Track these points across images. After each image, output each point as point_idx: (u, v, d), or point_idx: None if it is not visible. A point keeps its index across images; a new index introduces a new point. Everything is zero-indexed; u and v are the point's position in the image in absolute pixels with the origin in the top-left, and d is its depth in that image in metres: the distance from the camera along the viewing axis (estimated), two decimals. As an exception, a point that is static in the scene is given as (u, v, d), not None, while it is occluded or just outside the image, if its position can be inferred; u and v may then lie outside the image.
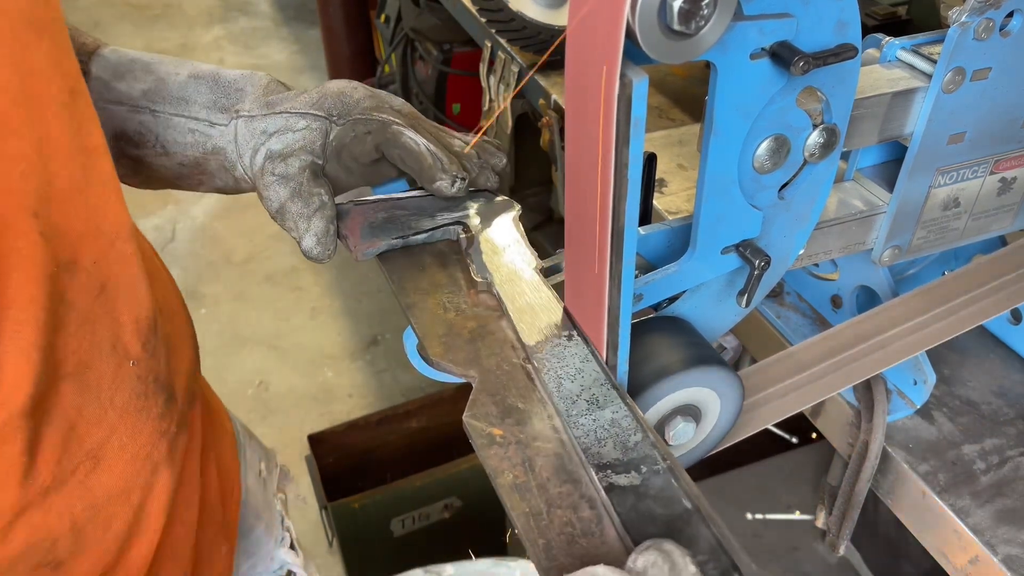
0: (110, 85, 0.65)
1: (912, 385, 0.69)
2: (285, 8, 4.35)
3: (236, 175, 0.66)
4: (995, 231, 0.66)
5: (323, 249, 0.60)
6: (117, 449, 0.57)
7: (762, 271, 0.53)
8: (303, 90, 0.66)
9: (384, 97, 0.66)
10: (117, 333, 0.56)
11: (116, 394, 0.56)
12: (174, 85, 0.65)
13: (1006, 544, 0.60)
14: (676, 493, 0.42)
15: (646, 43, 0.39)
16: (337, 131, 0.63)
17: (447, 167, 0.62)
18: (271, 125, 0.63)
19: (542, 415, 0.48)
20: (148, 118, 0.65)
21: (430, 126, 0.65)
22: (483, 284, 0.57)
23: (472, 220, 0.63)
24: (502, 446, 0.46)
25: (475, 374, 0.51)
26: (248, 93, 0.66)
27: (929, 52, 0.57)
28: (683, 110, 1.21)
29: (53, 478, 0.53)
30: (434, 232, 0.62)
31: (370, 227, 0.62)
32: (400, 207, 0.64)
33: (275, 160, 0.62)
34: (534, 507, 0.43)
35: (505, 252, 0.60)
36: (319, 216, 0.60)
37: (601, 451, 0.45)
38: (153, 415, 0.60)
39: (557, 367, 0.50)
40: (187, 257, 2.79)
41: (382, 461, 1.88)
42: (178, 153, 0.66)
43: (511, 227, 0.62)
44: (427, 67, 1.99)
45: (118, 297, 0.55)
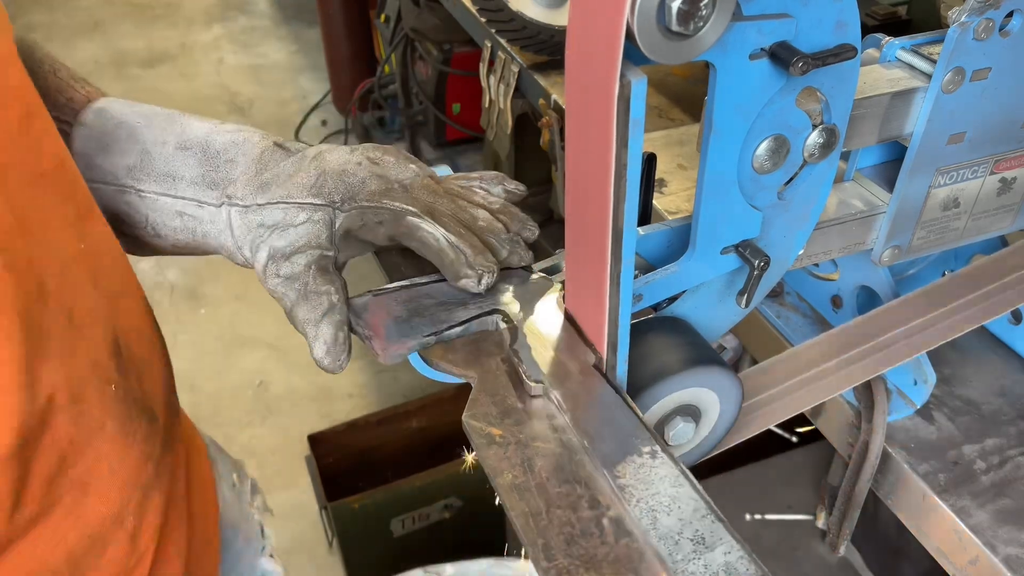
0: (93, 163, 0.61)
1: (912, 385, 0.69)
2: (284, 7, 4.35)
3: (238, 261, 0.61)
4: (995, 231, 0.66)
5: (333, 359, 0.53)
6: (107, 475, 0.55)
7: (762, 271, 0.53)
8: (301, 156, 0.60)
9: (391, 173, 0.59)
10: (96, 359, 0.54)
11: (104, 420, 0.54)
12: (160, 159, 0.60)
13: (1006, 544, 0.60)
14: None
15: (645, 44, 0.39)
16: (343, 219, 0.58)
17: (472, 261, 0.55)
18: (268, 218, 0.57)
19: (542, 415, 0.48)
20: (134, 199, 0.61)
21: (448, 202, 0.58)
22: (538, 388, 0.49)
23: (511, 307, 0.55)
24: (501, 446, 0.46)
25: (475, 374, 0.51)
26: (239, 166, 0.60)
27: (929, 52, 0.57)
28: (683, 110, 1.21)
29: (40, 508, 0.52)
30: (469, 325, 0.55)
31: (395, 324, 0.55)
32: (425, 295, 0.57)
33: (279, 260, 0.56)
34: (533, 507, 0.43)
35: (558, 346, 0.52)
36: (327, 322, 0.54)
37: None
38: (139, 438, 0.58)
39: (647, 496, 0.42)
40: (187, 257, 2.79)
41: (382, 461, 1.89)
42: (169, 237, 0.62)
43: (556, 312, 0.55)
44: (427, 67, 1.99)
45: (84, 323, 0.53)
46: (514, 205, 0.63)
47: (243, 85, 3.72)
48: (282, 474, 2.07)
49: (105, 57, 3.93)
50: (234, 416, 2.24)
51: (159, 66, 3.90)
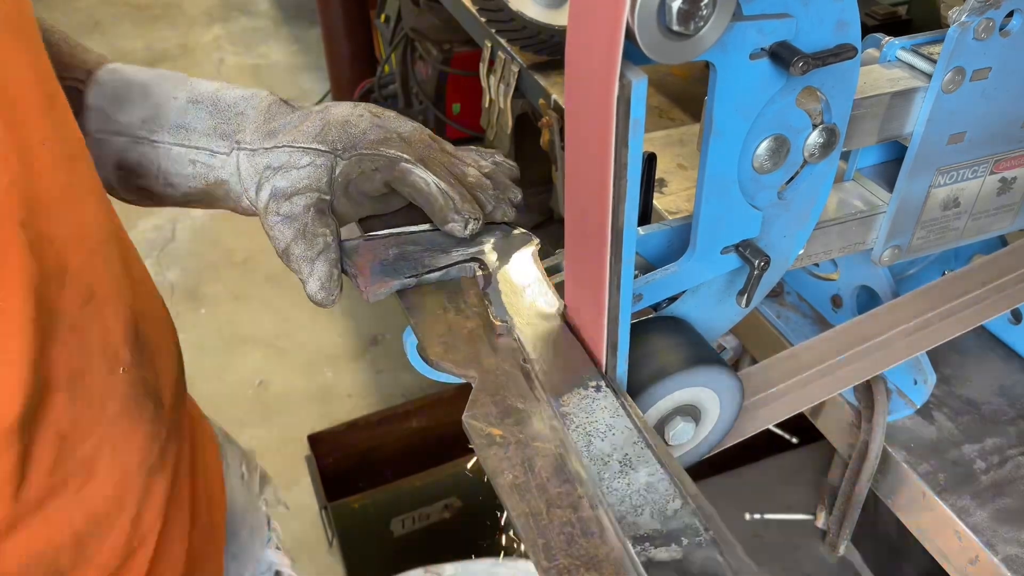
0: (108, 115, 0.63)
1: (912, 385, 0.69)
2: (285, 7, 4.35)
3: (243, 205, 0.64)
4: (995, 231, 0.66)
5: (327, 294, 0.57)
6: (110, 458, 0.56)
7: (762, 271, 0.53)
8: (307, 111, 0.63)
9: (391, 124, 0.63)
10: (107, 340, 0.55)
11: (108, 402, 0.55)
12: (173, 111, 0.63)
13: (1006, 544, 0.60)
14: (721, 570, 0.39)
15: (645, 44, 0.39)
16: (343, 165, 0.61)
17: (460, 207, 0.59)
18: (274, 160, 0.61)
19: (542, 415, 0.48)
20: (148, 149, 0.63)
21: (442, 156, 0.62)
22: (503, 327, 0.54)
23: (489, 256, 0.59)
24: (501, 446, 0.46)
25: (475, 374, 0.51)
26: (249, 117, 0.63)
27: (929, 52, 0.57)
28: (683, 110, 1.21)
29: (46, 490, 0.53)
30: (449, 270, 0.59)
31: (381, 265, 0.59)
32: (412, 242, 0.61)
33: (280, 199, 0.60)
34: (534, 507, 0.43)
35: (526, 292, 0.56)
36: (323, 259, 0.57)
37: (638, 520, 0.41)
38: (144, 421, 0.59)
39: (586, 422, 0.46)
40: (187, 257, 2.79)
41: (382, 461, 1.89)
42: (182, 184, 0.64)
43: (531, 264, 0.59)
44: (427, 67, 1.99)
45: (106, 303, 0.54)
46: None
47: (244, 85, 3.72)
48: (282, 474, 2.07)
49: (105, 57, 3.92)
50: (234, 416, 2.24)
51: (159, 66, 3.86)
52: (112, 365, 0.55)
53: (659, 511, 0.41)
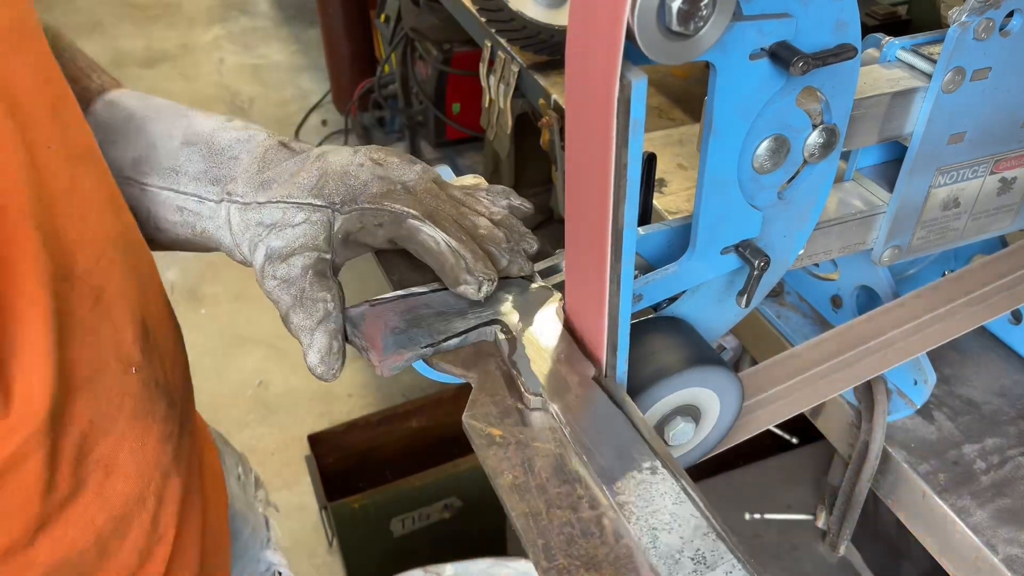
0: (100, 150, 0.60)
1: (912, 385, 0.69)
2: (285, 8, 4.35)
3: (236, 259, 0.61)
4: (995, 231, 0.66)
5: (326, 368, 0.54)
6: (128, 456, 0.57)
7: (762, 271, 0.53)
8: (304, 156, 0.60)
9: (394, 173, 0.59)
10: (118, 340, 0.55)
11: (123, 402, 0.55)
12: (165, 153, 0.60)
13: (1006, 544, 0.60)
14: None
15: (645, 44, 0.39)
16: (342, 220, 0.57)
17: (472, 267, 0.55)
18: (267, 216, 0.57)
19: (543, 428, 0.48)
20: (138, 192, 0.61)
21: (451, 207, 0.58)
22: (537, 401, 0.48)
23: (510, 317, 0.54)
24: (501, 446, 0.46)
25: (475, 375, 0.51)
26: (243, 163, 0.60)
27: (929, 52, 0.57)
28: (683, 110, 1.21)
29: (69, 489, 0.53)
30: (467, 335, 0.54)
31: (392, 335, 0.54)
32: (423, 305, 0.56)
33: (275, 261, 0.56)
34: (533, 507, 0.43)
35: (557, 358, 0.51)
36: (322, 330, 0.54)
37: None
38: (158, 420, 0.59)
39: (647, 514, 0.42)
40: (187, 257, 2.79)
41: (382, 461, 1.89)
42: (169, 231, 0.62)
43: (556, 323, 0.54)
44: (427, 67, 1.99)
45: (114, 304, 0.54)
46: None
47: (243, 85, 3.72)
48: (282, 474, 2.07)
49: (104, 57, 3.93)
50: (234, 416, 2.24)
51: (159, 66, 3.90)
52: (125, 365, 0.55)
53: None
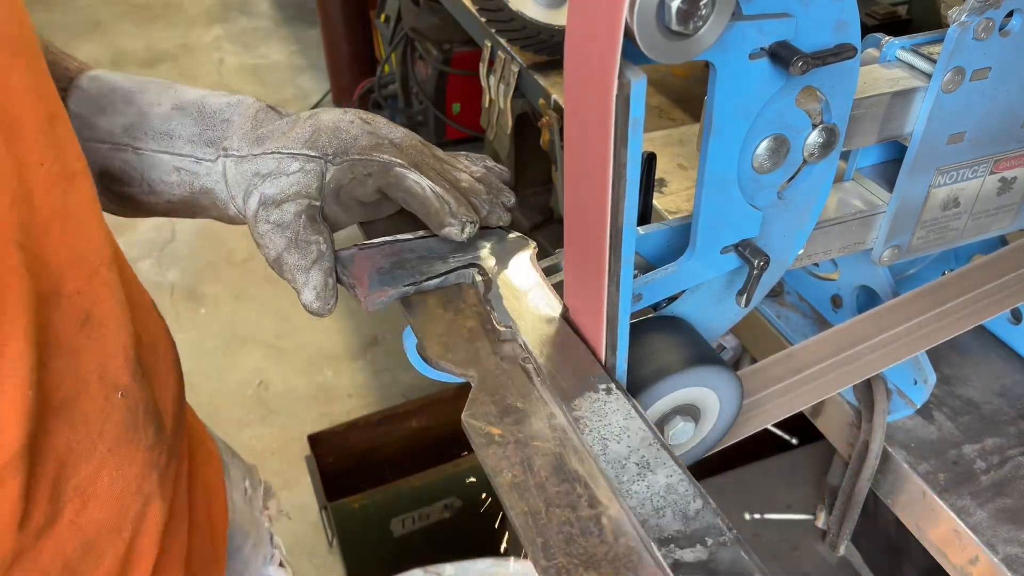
0: (90, 122, 0.62)
1: (912, 385, 0.69)
2: (285, 8, 4.35)
3: (229, 214, 0.63)
4: (995, 231, 0.66)
5: (322, 304, 0.56)
6: (107, 484, 0.55)
7: (761, 271, 0.53)
8: (295, 117, 0.62)
9: (382, 130, 0.62)
10: (104, 364, 0.54)
11: (105, 427, 0.54)
12: (156, 119, 0.61)
13: (1006, 544, 0.60)
14: (749, 568, 0.39)
15: (644, 43, 0.39)
16: (334, 171, 0.59)
17: (455, 211, 0.58)
18: (262, 166, 0.59)
19: (541, 414, 0.48)
20: (131, 156, 0.62)
21: (434, 161, 0.61)
22: (507, 333, 0.53)
23: (487, 262, 0.59)
24: (501, 445, 0.46)
25: (474, 374, 0.51)
26: (235, 124, 0.61)
27: (929, 52, 0.57)
28: (683, 110, 1.21)
29: (45, 519, 0.52)
30: (447, 276, 0.58)
31: (378, 274, 0.58)
32: (408, 250, 0.60)
33: (269, 207, 0.58)
34: (533, 506, 0.43)
35: (527, 296, 0.56)
36: (317, 268, 0.56)
37: (661, 523, 0.41)
38: (143, 447, 0.58)
39: (599, 426, 0.46)
40: (187, 257, 2.79)
41: (382, 461, 1.88)
42: (165, 192, 0.63)
43: (529, 268, 0.58)
44: (427, 67, 1.99)
45: (103, 326, 0.53)
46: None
47: (243, 85, 3.72)
48: (282, 474, 2.07)
49: (104, 57, 3.93)
50: (234, 416, 2.24)
51: (159, 66, 3.90)
52: (110, 390, 0.54)
53: (681, 512, 0.41)
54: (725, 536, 0.40)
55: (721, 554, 0.39)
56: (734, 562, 0.39)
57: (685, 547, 0.39)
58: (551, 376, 0.49)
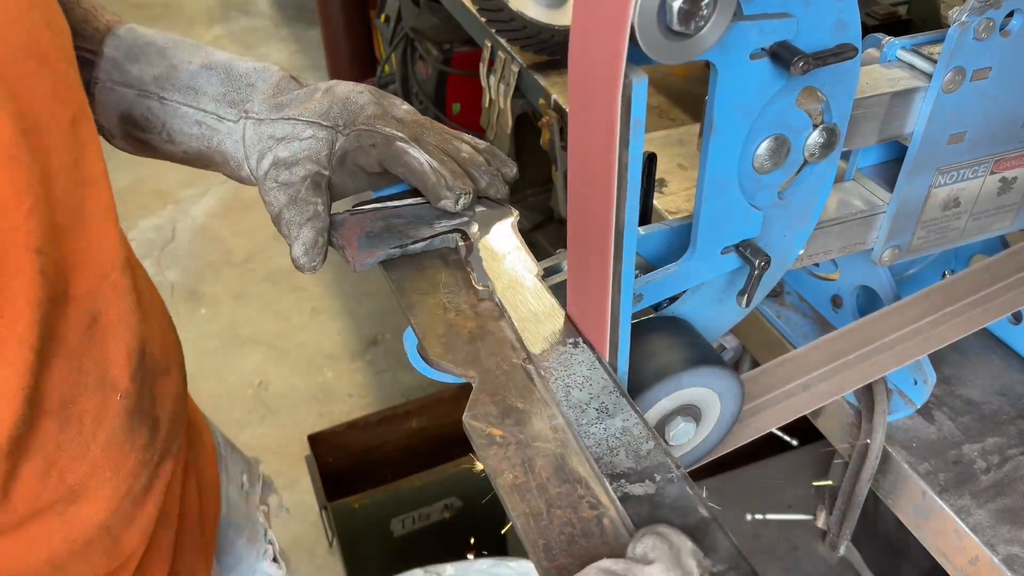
0: (121, 66, 0.64)
1: (912, 385, 0.69)
2: (285, 8, 4.35)
3: (242, 175, 0.66)
4: (995, 231, 0.66)
5: (309, 260, 0.59)
6: (99, 484, 0.56)
7: (762, 271, 0.53)
8: (314, 88, 0.66)
9: (388, 105, 0.65)
10: (105, 367, 0.55)
11: (99, 429, 0.55)
12: (185, 73, 0.65)
13: (1006, 544, 0.60)
14: (692, 502, 0.42)
15: (646, 43, 0.39)
16: (343, 141, 0.63)
17: (451, 184, 0.61)
18: (278, 131, 0.63)
19: (542, 415, 0.48)
20: (156, 104, 0.65)
21: (436, 137, 0.64)
22: (484, 292, 0.56)
23: (471, 227, 0.62)
24: (502, 446, 0.46)
25: (475, 374, 0.51)
26: (259, 90, 0.65)
27: (929, 52, 0.57)
28: (683, 110, 1.21)
29: (30, 510, 0.52)
30: (432, 240, 0.61)
31: (367, 237, 0.61)
32: (397, 215, 0.63)
33: (279, 168, 0.62)
34: (534, 507, 0.43)
35: (506, 259, 0.59)
36: (309, 226, 0.60)
37: (614, 461, 0.44)
38: (137, 447, 0.59)
39: (564, 375, 0.49)
40: (187, 257, 2.79)
41: (382, 461, 1.88)
42: (183, 143, 0.66)
43: (510, 233, 0.62)
44: (427, 67, 1.99)
45: (109, 330, 0.54)
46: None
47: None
48: (282, 474, 2.07)
49: (105, 57, 3.92)
50: (234, 416, 2.24)
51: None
52: (109, 392, 0.55)
53: (633, 452, 0.45)
54: (673, 473, 0.43)
55: (668, 489, 0.43)
56: (679, 496, 0.42)
57: (635, 482, 0.43)
58: (523, 331, 0.53)
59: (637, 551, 0.37)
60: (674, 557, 0.36)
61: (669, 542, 0.37)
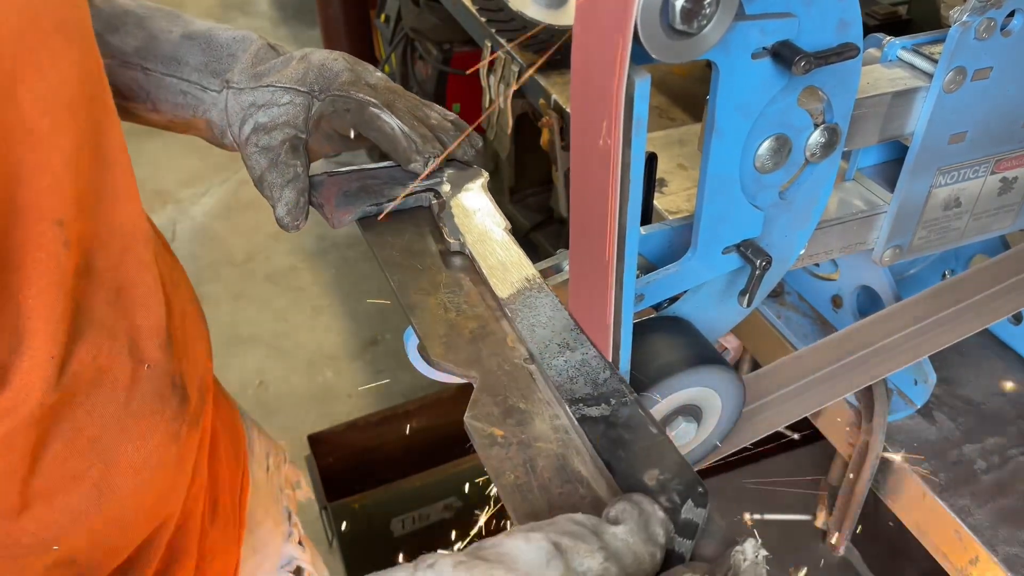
0: (102, 37, 0.65)
1: (913, 385, 0.69)
2: (284, 8, 4.35)
3: (224, 141, 0.68)
4: (996, 231, 0.66)
5: (292, 218, 0.63)
6: (131, 452, 0.57)
7: (763, 271, 0.53)
8: (291, 56, 0.68)
9: (362, 71, 0.68)
10: (134, 338, 0.56)
11: (132, 398, 0.56)
12: (167, 44, 0.67)
13: (1006, 544, 0.60)
14: (643, 421, 0.45)
15: (648, 42, 0.39)
16: (318, 106, 0.66)
17: (421, 148, 0.64)
18: (258, 98, 0.66)
19: (544, 416, 0.48)
20: (139, 75, 0.67)
21: (406, 104, 0.67)
22: (456, 245, 0.60)
23: (443, 187, 0.65)
24: (503, 447, 0.46)
25: (476, 374, 0.51)
26: (239, 59, 0.67)
27: (930, 52, 0.57)
28: (683, 110, 1.21)
29: (60, 480, 0.53)
30: (407, 199, 0.64)
31: (344, 196, 0.64)
32: (373, 177, 0.67)
33: (259, 132, 0.65)
34: (535, 508, 0.43)
35: (476, 215, 0.62)
36: (291, 187, 0.63)
37: (573, 387, 0.48)
38: (167, 417, 0.60)
39: (529, 316, 0.53)
40: (187, 257, 2.79)
41: (382, 461, 1.88)
42: (168, 112, 0.68)
43: (480, 193, 0.65)
44: (427, 67, 1.99)
45: (134, 301, 0.56)
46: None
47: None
48: (282, 474, 2.07)
49: (104, 57, 3.92)
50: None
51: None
52: (137, 363, 0.57)
53: (591, 380, 0.48)
54: (627, 398, 0.47)
55: (621, 411, 0.46)
56: (631, 416, 0.46)
57: (592, 406, 0.47)
58: (492, 281, 0.56)
59: (610, 514, 0.39)
60: (643, 522, 0.38)
61: (640, 508, 0.39)
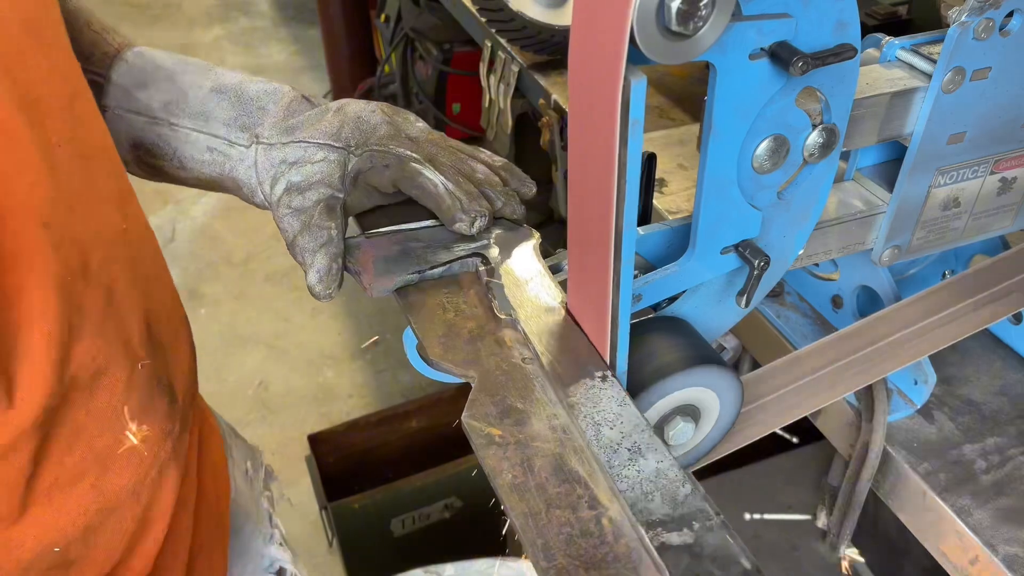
0: (130, 93, 0.64)
1: (913, 385, 0.69)
2: (285, 8, 4.35)
3: (256, 200, 0.65)
4: (995, 231, 0.66)
5: (324, 287, 0.58)
6: (127, 451, 0.57)
7: (762, 271, 0.53)
8: (325, 108, 0.65)
9: (401, 123, 0.64)
10: (126, 338, 0.56)
11: (128, 397, 0.56)
12: (195, 99, 0.64)
13: (1006, 544, 0.60)
14: (733, 551, 0.40)
15: (644, 44, 0.39)
16: (355, 161, 0.62)
17: (467, 207, 0.59)
18: (289, 155, 0.62)
19: (541, 415, 0.48)
20: (166, 131, 0.64)
21: (450, 156, 0.63)
22: (507, 321, 0.54)
23: (491, 251, 0.60)
24: (501, 446, 0.46)
25: (474, 374, 0.51)
26: (270, 112, 0.64)
27: (929, 52, 0.57)
28: (683, 110, 1.20)
29: (58, 481, 0.54)
30: (451, 265, 0.59)
31: (384, 262, 0.59)
32: (414, 238, 0.61)
33: (293, 193, 0.61)
34: (533, 507, 0.43)
35: (528, 286, 0.57)
36: (324, 252, 0.58)
37: (649, 506, 0.42)
38: (160, 415, 0.60)
39: (593, 412, 0.47)
40: (187, 257, 2.79)
41: (382, 461, 1.88)
42: (195, 170, 0.65)
43: (532, 258, 0.59)
44: (427, 67, 1.99)
45: (124, 300, 0.56)
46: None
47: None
48: (282, 474, 2.06)
49: (105, 57, 3.92)
50: (234, 416, 2.23)
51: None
52: (131, 363, 0.56)
53: (670, 497, 0.42)
54: (712, 521, 0.41)
55: (707, 538, 0.40)
56: (719, 546, 0.39)
57: (672, 530, 0.41)
58: (549, 364, 0.50)
59: None
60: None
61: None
